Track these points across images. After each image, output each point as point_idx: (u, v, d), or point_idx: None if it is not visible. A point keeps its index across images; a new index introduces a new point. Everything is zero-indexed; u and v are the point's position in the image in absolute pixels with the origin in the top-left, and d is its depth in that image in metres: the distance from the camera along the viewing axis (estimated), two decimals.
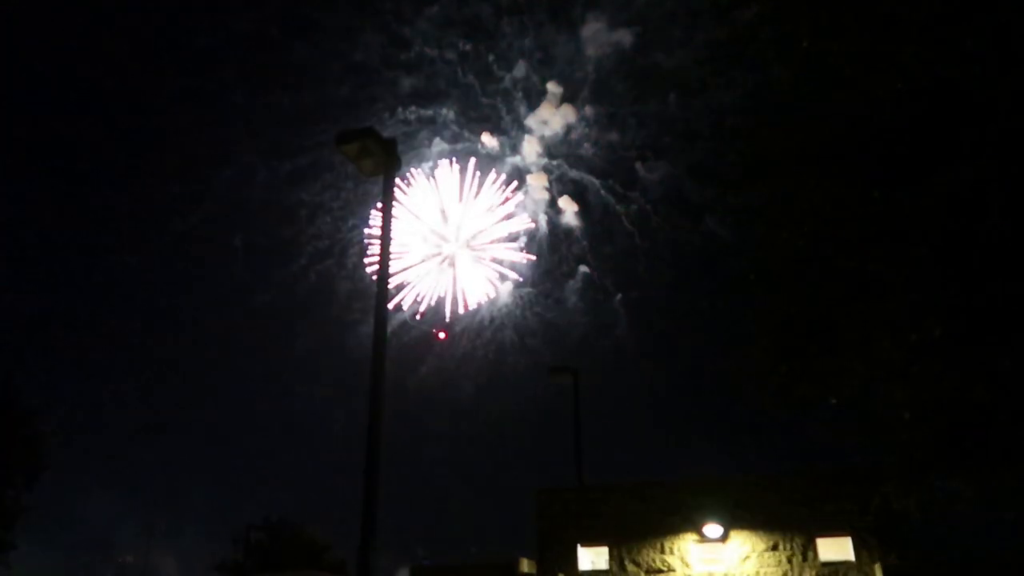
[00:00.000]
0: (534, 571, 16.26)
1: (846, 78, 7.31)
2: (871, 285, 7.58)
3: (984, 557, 12.89)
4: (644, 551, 15.65)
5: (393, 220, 10.91)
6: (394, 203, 11.00)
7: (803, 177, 7.53)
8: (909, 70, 6.97)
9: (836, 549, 14.77)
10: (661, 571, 15.44)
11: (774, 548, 15.01)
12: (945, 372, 7.54)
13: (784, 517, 15.09)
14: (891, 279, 7.47)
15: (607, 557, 15.91)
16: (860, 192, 7.22)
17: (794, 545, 14.91)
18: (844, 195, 7.37)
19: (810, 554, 14.80)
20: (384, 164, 10.68)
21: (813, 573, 14.67)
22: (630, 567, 15.64)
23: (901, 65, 7.01)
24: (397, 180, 11.38)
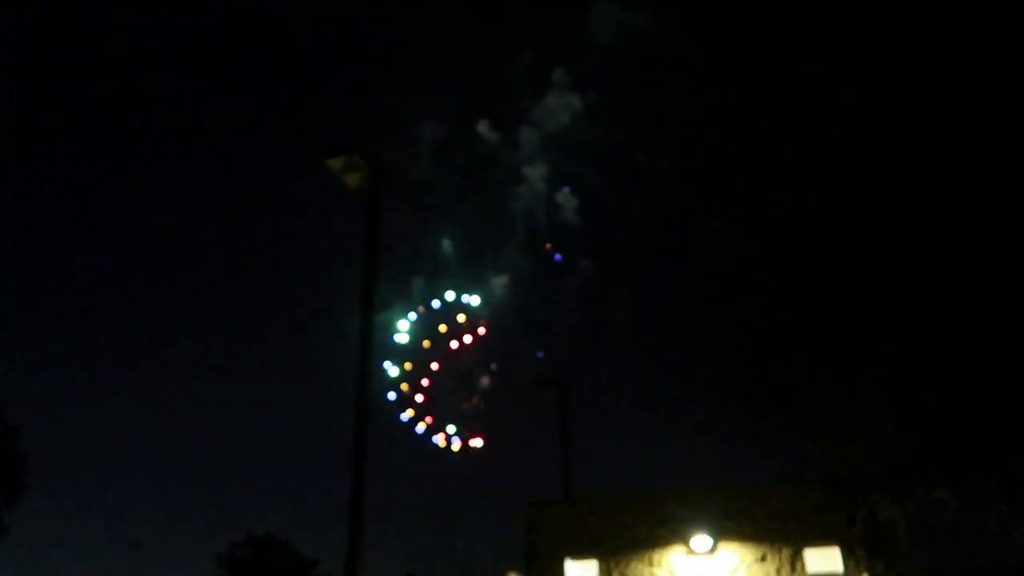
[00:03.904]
0: None
1: (827, 88, 7.41)
2: (853, 296, 7.65)
3: (971, 566, 12.96)
4: (633, 564, 15.63)
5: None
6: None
7: (787, 186, 7.61)
8: (890, 82, 7.08)
9: (824, 560, 14.81)
10: None
11: (762, 560, 15.03)
12: (928, 382, 7.61)
13: (772, 529, 15.12)
14: (874, 291, 7.54)
15: (596, 570, 15.88)
16: (842, 204, 7.30)
17: (782, 556, 14.94)
18: (826, 206, 7.45)
19: (798, 565, 14.83)
20: (371, 179, 10.69)
21: None
22: None
23: (882, 77, 7.12)
24: None
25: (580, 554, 16.12)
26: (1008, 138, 6.53)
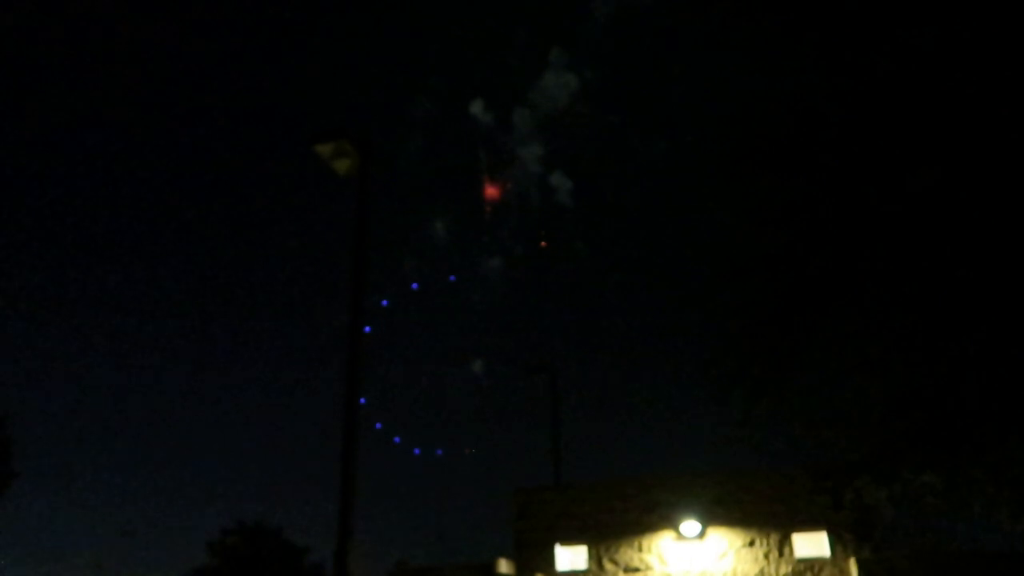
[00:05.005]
0: (513, 571, 16.26)
1: (822, 72, 7.42)
2: (842, 283, 7.68)
3: (957, 549, 13.10)
4: (622, 549, 15.72)
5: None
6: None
7: (776, 173, 7.62)
8: (876, 69, 7.09)
9: (811, 544, 14.94)
10: (639, 569, 15.52)
11: (751, 545, 15.15)
12: (915, 367, 7.66)
13: (760, 514, 15.23)
14: (862, 277, 7.58)
15: (586, 556, 15.97)
16: (832, 189, 7.32)
17: (770, 541, 15.06)
18: (816, 193, 7.47)
19: (786, 550, 14.96)
20: (361, 165, 10.63)
21: (789, 569, 14.83)
22: (608, 566, 15.71)
23: (868, 64, 7.13)
24: None
25: (570, 540, 16.20)
26: (997, 122, 6.56)
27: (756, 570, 14.99)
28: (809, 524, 14.93)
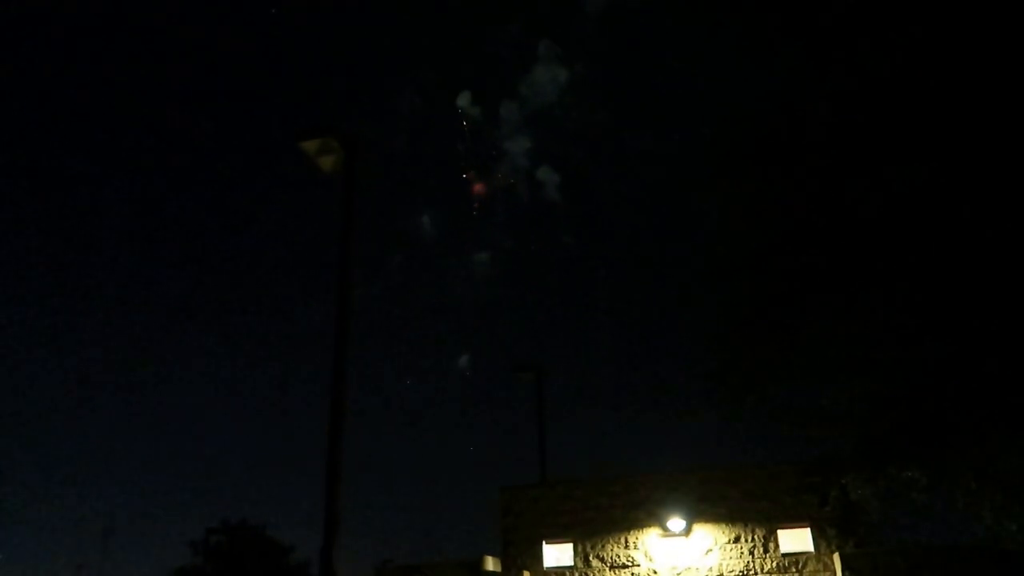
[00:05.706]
0: (499, 569, 16.26)
1: (805, 74, 7.44)
2: (829, 282, 7.71)
3: (939, 544, 13.21)
4: (608, 546, 15.75)
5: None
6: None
7: (764, 172, 7.63)
8: (865, 71, 7.11)
9: (796, 540, 15.03)
10: (626, 566, 15.56)
11: (736, 540, 15.21)
12: (901, 366, 7.71)
13: (745, 510, 15.30)
14: (849, 276, 7.61)
15: (572, 553, 15.98)
16: (819, 189, 7.35)
17: (755, 537, 15.13)
18: (804, 192, 7.49)
19: (771, 545, 15.03)
20: (346, 162, 10.54)
21: (774, 564, 14.91)
22: (595, 562, 15.74)
23: (857, 65, 7.15)
24: None
25: (556, 537, 16.22)
26: (984, 124, 6.59)
27: (741, 565, 15.06)
28: (793, 520, 15.02)
